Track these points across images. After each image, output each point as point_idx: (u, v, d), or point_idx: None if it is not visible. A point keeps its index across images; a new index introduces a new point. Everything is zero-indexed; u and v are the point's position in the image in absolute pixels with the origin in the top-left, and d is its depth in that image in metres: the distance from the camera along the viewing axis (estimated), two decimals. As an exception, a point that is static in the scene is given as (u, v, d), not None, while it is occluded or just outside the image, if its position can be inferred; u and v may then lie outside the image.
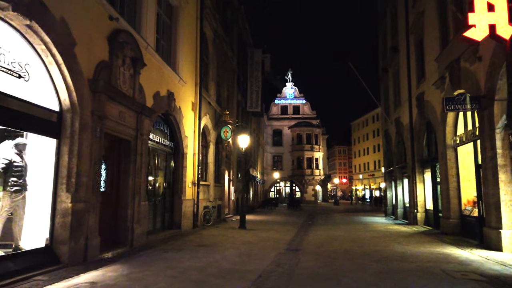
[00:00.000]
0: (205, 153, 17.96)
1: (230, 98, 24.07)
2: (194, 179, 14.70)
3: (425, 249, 9.66)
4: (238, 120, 26.36)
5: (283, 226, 16.78)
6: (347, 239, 11.93)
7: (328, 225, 18.02)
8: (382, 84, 25.07)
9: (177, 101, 12.57)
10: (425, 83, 15.39)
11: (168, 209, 12.82)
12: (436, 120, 14.04)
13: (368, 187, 73.57)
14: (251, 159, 31.04)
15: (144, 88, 9.79)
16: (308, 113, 57.90)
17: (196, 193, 14.80)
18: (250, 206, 31.93)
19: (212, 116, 18.15)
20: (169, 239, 10.88)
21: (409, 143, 17.96)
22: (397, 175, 21.42)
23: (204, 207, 16.24)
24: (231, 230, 14.37)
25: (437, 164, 15.23)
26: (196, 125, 15.01)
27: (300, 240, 11.83)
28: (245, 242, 10.87)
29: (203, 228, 14.51)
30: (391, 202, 24.57)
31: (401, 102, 19.74)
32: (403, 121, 19.19)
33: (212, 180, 18.27)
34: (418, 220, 17.09)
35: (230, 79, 24.08)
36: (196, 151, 14.96)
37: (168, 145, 12.76)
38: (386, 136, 23.73)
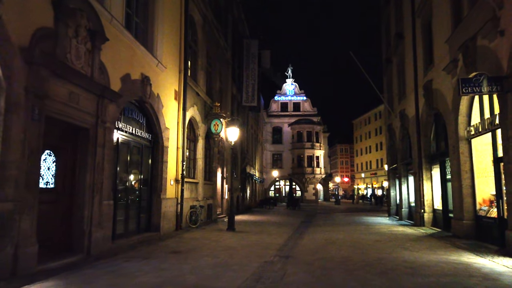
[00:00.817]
0: (193, 148, 16.53)
1: (223, 91, 22.62)
2: (178, 176, 13.27)
3: (438, 257, 8.19)
4: (233, 114, 24.92)
5: (277, 228, 15.33)
6: (347, 244, 10.47)
7: (327, 226, 16.56)
8: (385, 76, 23.57)
9: (154, 87, 11.13)
10: (433, 69, 13.90)
11: (145, 209, 11.39)
12: (447, 110, 12.56)
13: (371, 186, 72.02)
14: (247, 156, 29.61)
15: (107, 67, 8.35)
16: (309, 110, 56.37)
17: (179, 192, 13.35)
18: (247, 206, 30.51)
19: (201, 108, 16.71)
20: (141, 244, 9.44)
21: (415, 137, 16.48)
22: (401, 172, 19.93)
23: (190, 207, 14.81)
24: (218, 232, 12.93)
25: (447, 160, 13.76)
26: (180, 116, 13.56)
27: (293, 244, 10.38)
28: (228, 247, 9.43)
29: (187, 231, 13.07)
30: (394, 202, 23.07)
31: (406, 93, 18.24)
32: (408, 113, 17.70)
33: (201, 177, 16.84)
34: (425, 221, 15.61)
35: (224, 71, 22.63)
36: (180, 145, 13.51)
37: (145, 137, 11.32)
38: (390, 131, 22.24)
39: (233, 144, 14.26)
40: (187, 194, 14.69)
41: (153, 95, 11.08)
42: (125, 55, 9.37)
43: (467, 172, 11.46)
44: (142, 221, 11.19)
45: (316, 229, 15.18)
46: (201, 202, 16.16)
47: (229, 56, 23.62)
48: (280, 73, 61.46)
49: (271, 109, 55.96)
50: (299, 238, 11.97)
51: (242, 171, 28.59)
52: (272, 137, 55.42)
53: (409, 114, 17.48)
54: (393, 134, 21.40)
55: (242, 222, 17.69)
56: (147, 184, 11.60)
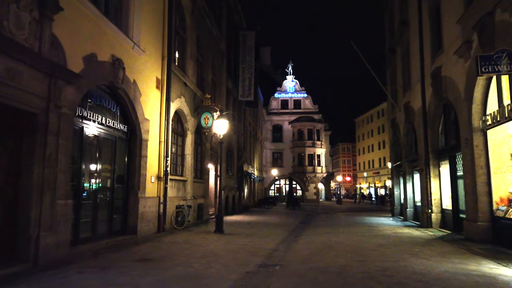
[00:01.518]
0: (181, 143, 15.29)
1: (217, 84, 21.38)
2: (160, 172, 12.03)
3: (454, 266, 6.91)
4: (228, 109, 23.67)
5: (272, 229, 14.08)
6: (346, 249, 9.20)
7: (326, 227, 15.29)
8: (388, 68, 22.27)
9: (129, 72, 9.89)
10: (442, 55, 12.61)
11: (120, 210, 10.15)
12: (458, 98, 11.27)
13: (373, 185, 70.62)
14: (244, 153, 28.34)
15: (63, 43, 7.11)
16: (310, 107, 55.05)
17: (162, 190, 12.12)
18: (244, 206, 29.27)
19: (189, 99, 15.46)
20: (109, 250, 8.21)
21: (421, 131, 15.19)
22: (406, 170, 18.63)
23: (176, 207, 13.58)
24: (204, 235, 11.69)
25: (457, 154, 12.48)
26: (163, 107, 12.32)
27: (285, 249, 9.13)
28: (209, 253, 8.18)
29: (170, 233, 11.83)
30: (398, 201, 21.78)
31: (411, 84, 16.95)
32: (413, 106, 16.40)
33: (190, 175, 15.60)
34: (433, 221, 14.33)
35: (218, 63, 21.38)
36: (164, 138, 12.27)
37: (119, 129, 10.08)
38: (393, 126, 20.94)
39: (222, 138, 12.98)
40: (172, 193, 13.46)
41: (128, 81, 9.83)
42: (89, 31, 8.12)
43: (482, 167, 10.17)
44: (116, 223, 9.95)
45: (313, 230, 13.92)
46: (189, 201, 14.92)
47: (223, 48, 22.38)
48: (281, 70, 60.16)
49: (271, 106, 54.65)
50: (293, 241, 10.71)
51: (238, 169, 27.35)
52: (272, 135, 54.13)
53: (415, 106, 16.19)
54: (397, 129, 20.10)
55: (235, 223, 16.44)
56: (122, 182, 10.36)
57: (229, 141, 23.97)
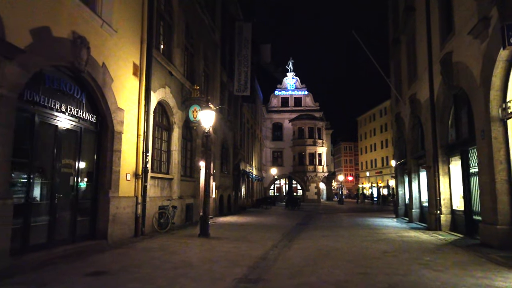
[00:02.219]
0: (167, 138, 14.05)
1: (210, 77, 20.13)
2: (138, 169, 10.77)
3: (477, 283, 5.62)
4: (222, 103, 22.42)
5: (265, 232, 12.81)
6: (345, 257, 7.92)
7: (325, 229, 14.01)
8: (392, 59, 20.95)
9: (96, 54, 8.63)
10: (454, 38, 11.30)
11: (87, 211, 8.91)
12: (473, 85, 9.96)
13: (376, 185, 69.23)
14: (241, 151, 27.06)
15: (0, 11, 5.86)
16: (311, 105, 53.71)
17: (141, 189, 10.86)
18: (241, 206, 28.01)
19: (176, 90, 14.21)
20: (63, 259, 6.94)
21: (428, 125, 13.89)
22: (411, 168, 17.31)
23: (159, 208, 12.33)
24: (186, 239, 10.42)
25: (471, 149, 11.19)
26: (142, 97, 11.06)
27: (275, 257, 7.86)
28: (181, 263, 6.91)
29: (149, 237, 10.57)
30: (403, 201, 20.48)
31: (417, 74, 15.64)
32: (420, 97, 15.09)
33: (177, 172, 14.35)
34: (442, 224, 13.02)
35: (211, 55, 20.13)
36: (143, 131, 11.02)
37: (85, 119, 8.82)
38: (398, 121, 19.62)
39: (208, 132, 11.71)
40: (154, 192, 12.21)
41: (94, 64, 8.57)
42: (39, 1, 6.86)
43: (501, 162, 8.87)
44: (82, 227, 8.70)
45: (311, 233, 12.65)
46: (176, 201, 13.67)
47: (217, 39, 21.12)
48: (282, 68, 58.85)
49: (271, 104, 53.35)
50: (286, 247, 9.44)
51: (235, 167, 26.08)
52: (272, 134, 52.83)
53: (421, 98, 14.88)
54: (402, 124, 18.78)
55: (226, 225, 15.19)
56: (91, 179, 9.11)
57: (224, 137, 22.73)
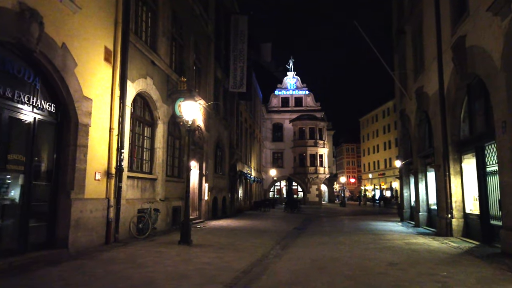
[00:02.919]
0: (150, 135, 12.81)
1: (202, 71, 18.91)
2: (111, 168, 9.51)
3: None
4: (217, 100, 21.19)
5: (257, 238, 11.53)
6: (344, 270, 6.64)
7: (324, 235, 12.73)
8: (396, 52, 19.68)
9: (53, 32, 7.40)
10: (468, 19, 10.02)
11: (44, 216, 7.66)
12: (492, 71, 8.68)
13: (378, 187, 67.86)
14: (237, 151, 25.76)
15: None
16: (312, 105, 52.39)
17: (114, 190, 9.61)
18: (237, 208, 26.73)
19: (160, 82, 12.97)
20: None
21: (438, 120, 12.60)
22: (418, 167, 16.00)
23: (138, 211, 11.08)
24: (163, 248, 9.15)
25: (487, 145, 9.92)
26: (117, 86, 9.81)
27: (261, 271, 6.59)
28: (140, 282, 5.64)
29: (123, 244, 9.30)
30: (408, 204, 19.17)
31: (424, 66, 14.35)
32: (428, 90, 13.81)
33: (162, 172, 13.10)
34: (454, 229, 11.72)
35: (203, 48, 18.91)
36: (117, 125, 9.77)
37: (41, 107, 7.57)
38: (403, 118, 18.32)
39: (191, 125, 10.42)
40: (133, 194, 10.98)
41: (50, 43, 7.33)
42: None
43: (528, 159, 7.59)
44: (37, 234, 7.44)
45: (307, 240, 11.37)
46: (159, 204, 12.42)
47: (210, 31, 19.88)
48: (282, 68, 57.58)
49: (271, 104, 52.07)
50: (276, 257, 8.16)
51: (231, 168, 24.82)
52: (272, 134, 51.51)
53: (429, 91, 13.60)
54: (407, 121, 17.48)
55: (216, 230, 13.91)
56: (49, 178, 7.87)
57: (219, 136, 21.48)
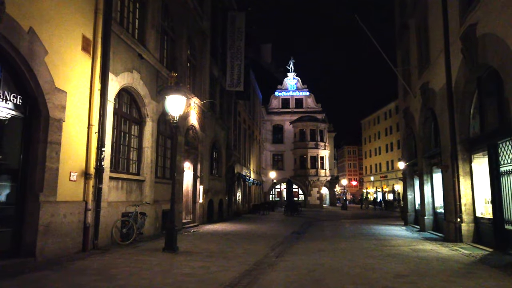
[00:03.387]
0: (138, 133, 12.00)
1: (197, 68, 18.14)
2: (90, 168, 8.69)
3: None
4: (213, 99, 20.40)
5: (251, 244, 10.69)
6: (345, 284, 5.79)
7: (323, 240, 11.89)
8: (399, 48, 18.86)
9: (18, 14, 6.61)
10: (480, 5, 9.19)
11: (8, 220, 6.85)
12: (507, 61, 7.85)
13: (380, 189, 66.90)
14: (235, 153, 24.93)
15: None
16: (312, 106, 51.55)
17: (93, 192, 8.78)
18: (235, 212, 25.90)
19: (149, 77, 12.18)
20: None
21: (445, 118, 11.77)
22: (423, 168, 15.14)
23: (122, 215, 10.25)
24: (146, 255, 8.32)
25: (501, 142, 9.10)
26: (96, 78, 8.99)
27: (248, 284, 5.76)
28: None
29: (102, 252, 8.48)
30: (412, 207, 18.30)
31: (430, 60, 13.54)
32: (434, 86, 12.98)
33: (151, 173, 12.28)
34: (463, 234, 10.86)
35: (198, 44, 18.14)
36: (96, 121, 8.96)
37: (5, 99, 6.77)
38: (406, 117, 17.47)
39: (176, 122, 9.54)
40: (117, 196, 10.16)
41: (14, 26, 6.53)
42: None
43: (551, 156, 6.75)
44: (1, 240, 6.62)
45: (305, 246, 10.53)
46: (146, 207, 11.58)
47: (205, 27, 19.11)
48: (283, 69, 56.83)
49: (271, 105, 51.25)
50: (269, 266, 7.32)
51: (228, 170, 23.99)
52: (273, 136, 50.68)
53: (436, 86, 12.77)
54: (411, 120, 16.63)
55: (209, 235, 13.09)
56: (15, 179, 7.05)
57: (215, 136, 20.68)
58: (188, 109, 16.15)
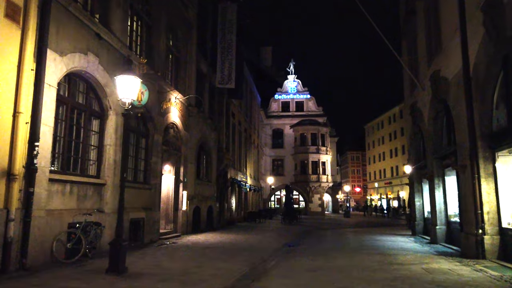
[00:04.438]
0: (98, 128, 10.19)
1: (181, 61, 16.41)
2: (15, 167, 6.83)
3: None
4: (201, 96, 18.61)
5: (227, 261, 8.79)
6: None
7: (318, 255, 9.97)
8: (405, 38, 17.00)
9: None
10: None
11: None
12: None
13: (385, 196, 64.66)
14: (227, 156, 22.99)
15: None
16: (313, 109, 49.63)
17: (18, 197, 6.92)
18: (228, 220, 23.97)
19: (113, 64, 10.35)
20: None
21: (462, 108, 9.87)
22: (434, 171, 13.21)
23: (69, 226, 8.40)
24: (84, 278, 6.45)
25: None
26: (28, 55, 7.18)
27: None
28: None
29: (29, 274, 6.62)
30: (421, 215, 16.33)
31: (442, 44, 11.68)
32: (447, 73, 11.09)
33: (114, 176, 10.40)
34: (487, 249, 8.92)
35: (182, 34, 16.43)
36: (25, 109, 7.13)
37: None
38: (414, 114, 15.56)
39: (129, 109, 7.65)
40: (62, 203, 8.31)
41: None
42: None
43: None
44: None
45: (295, 263, 8.62)
46: (107, 216, 9.73)
47: (191, 17, 17.38)
48: (283, 72, 55.04)
49: (270, 109, 49.41)
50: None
51: (219, 174, 22.10)
52: (272, 141, 48.77)
53: (449, 74, 10.88)
54: (419, 117, 14.72)
55: (185, 248, 11.22)
56: None
57: (202, 138, 18.85)
58: (168, 105, 14.38)
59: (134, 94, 7.42)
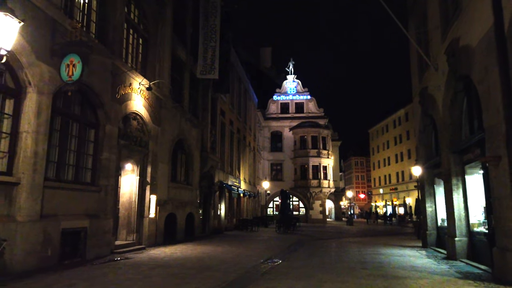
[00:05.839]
0: (11, 111, 7.74)
1: (150, 42, 14.10)
2: None
3: None
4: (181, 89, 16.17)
5: None
6: None
7: (301, 279, 7.41)
8: (413, 17, 14.49)
9: None
10: None
11: None
12: None
13: (390, 203, 61.76)
14: (212, 157, 20.42)
15: None
16: (314, 111, 47.08)
17: None
18: (216, 228, 21.45)
19: (36, 29, 7.93)
20: None
21: (493, 80, 7.34)
22: (451, 168, 10.58)
23: None
24: None
25: None
26: None
27: None
28: None
29: None
30: (433, 223, 13.71)
31: (462, 5, 9.15)
32: (470, 40, 8.55)
33: (34, 173, 7.93)
34: (534, 272, 6.30)
35: (151, 11, 14.11)
36: None
37: None
38: (424, 101, 12.98)
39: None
40: None
41: None
42: None
43: None
44: None
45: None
46: (17, 226, 7.25)
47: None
48: (284, 74, 52.64)
49: (269, 110, 46.91)
50: None
51: (203, 177, 19.59)
52: (271, 144, 46.21)
53: (473, 40, 8.34)
54: (431, 104, 12.14)
55: (136, 267, 8.68)
56: None
57: (180, 134, 16.40)
58: (128, 91, 11.98)
59: (10, 39, 4.95)
